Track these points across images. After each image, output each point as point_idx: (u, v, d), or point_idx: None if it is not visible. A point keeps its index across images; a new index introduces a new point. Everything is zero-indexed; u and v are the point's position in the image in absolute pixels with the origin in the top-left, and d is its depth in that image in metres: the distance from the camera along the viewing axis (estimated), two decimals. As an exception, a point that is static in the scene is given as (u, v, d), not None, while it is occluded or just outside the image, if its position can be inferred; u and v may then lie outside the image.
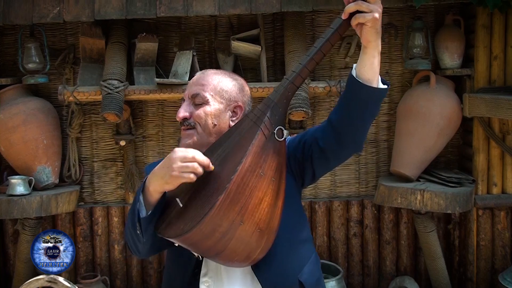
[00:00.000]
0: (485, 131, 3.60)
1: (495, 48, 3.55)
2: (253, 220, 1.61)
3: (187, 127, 1.87)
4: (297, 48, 3.49)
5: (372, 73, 1.65)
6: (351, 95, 1.68)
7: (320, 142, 1.76)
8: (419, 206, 3.45)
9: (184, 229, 1.57)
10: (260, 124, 1.66)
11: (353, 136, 1.74)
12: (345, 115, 1.70)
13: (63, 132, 3.77)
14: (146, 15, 3.37)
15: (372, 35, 1.60)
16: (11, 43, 3.78)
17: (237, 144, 1.67)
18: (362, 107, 1.68)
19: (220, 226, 1.56)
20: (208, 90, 1.86)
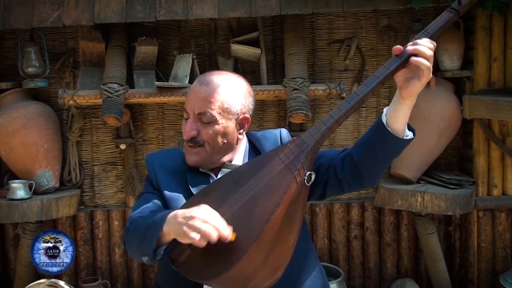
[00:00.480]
0: (485, 133, 3.60)
1: (495, 50, 3.56)
2: (275, 264, 1.60)
3: (195, 145, 1.83)
4: (297, 50, 3.50)
5: (403, 123, 1.68)
6: (378, 140, 1.71)
7: (339, 173, 1.78)
8: (420, 208, 3.45)
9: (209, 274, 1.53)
10: (294, 170, 1.62)
11: (372, 176, 1.79)
12: (369, 156, 1.73)
13: (63, 136, 3.77)
14: (145, 19, 3.37)
15: (418, 90, 1.63)
16: (11, 47, 3.78)
17: (268, 187, 1.62)
18: (387, 153, 1.72)
19: (245, 272, 1.54)
20: (215, 108, 1.80)
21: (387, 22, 3.78)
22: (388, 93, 3.83)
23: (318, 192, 1.85)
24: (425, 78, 1.61)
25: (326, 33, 3.80)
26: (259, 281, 1.59)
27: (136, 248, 1.72)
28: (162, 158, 1.96)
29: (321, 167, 1.81)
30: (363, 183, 1.79)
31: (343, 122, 1.68)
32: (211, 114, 1.80)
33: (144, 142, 3.84)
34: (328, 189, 1.83)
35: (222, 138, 1.83)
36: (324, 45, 3.81)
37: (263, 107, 3.83)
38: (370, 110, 3.84)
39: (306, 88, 3.41)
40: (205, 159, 1.85)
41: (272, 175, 1.64)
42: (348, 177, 1.77)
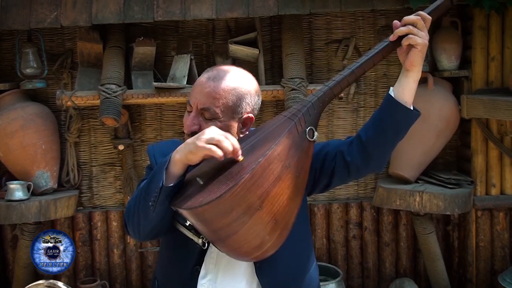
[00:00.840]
0: (483, 132, 3.61)
1: (493, 50, 3.56)
2: (271, 209, 1.56)
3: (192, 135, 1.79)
4: (295, 51, 3.50)
5: (410, 96, 1.72)
6: (387, 116, 1.72)
7: (347, 157, 1.77)
8: (418, 207, 3.46)
9: (203, 201, 1.50)
10: (295, 119, 1.65)
11: (381, 156, 1.79)
12: (378, 134, 1.73)
13: (62, 136, 3.76)
14: (143, 19, 3.37)
15: (418, 59, 1.67)
16: (9, 48, 3.78)
17: (269, 134, 1.65)
18: (397, 128, 1.73)
19: (238, 206, 1.51)
20: (220, 105, 1.74)
21: (385, 22, 3.79)
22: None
23: (324, 180, 1.84)
24: (418, 45, 1.65)
25: (324, 33, 3.81)
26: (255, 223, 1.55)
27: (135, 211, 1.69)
28: (164, 148, 1.91)
29: (327, 156, 1.81)
30: (370, 165, 1.79)
31: (345, 86, 1.71)
32: (214, 111, 1.74)
33: (142, 142, 3.84)
34: (335, 176, 1.82)
35: None
36: (322, 45, 3.82)
37: (261, 107, 3.80)
38: (368, 110, 3.84)
39: (304, 88, 3.41)
40: None
41: (274, 126, 1.67)
42: (356, 159, 1.76)
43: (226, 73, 1.80)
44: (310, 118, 1.68)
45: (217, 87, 1.75)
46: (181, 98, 3.43)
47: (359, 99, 3.85)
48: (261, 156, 1.55)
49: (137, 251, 3.86)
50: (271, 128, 1.68)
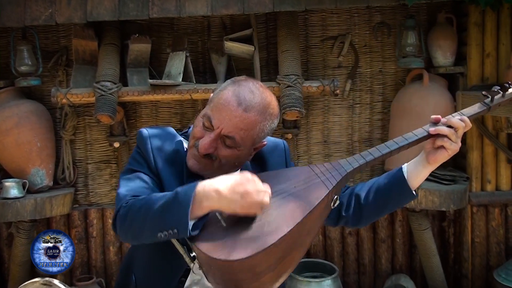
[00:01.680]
0: (478, 129, 3.61)
1: (488, 46, 3.57)
2: (281, 271, 1.56)
3: (203, 156, 1.73)
4: (290, 47, 3.50)
5: (420, 183, 1.83)
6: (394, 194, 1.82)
7: (343, 210, 1.86)
8: (414, 204, 3.46)
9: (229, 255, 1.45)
10: (330, 187, 1.63)
11: (371, 219, 1.90)
12: (378, 204, 1.83)
13: (57, 134, 3.75)
14: (138, 16, 3.36)
15: (444, 159, 1.75)
16: (3, 46, 3.76)
17: (302, 194, 1.61)
18: (396, 206, 1.87)
19: (257, 267, 1.48)
20: (244, 136, 1.70)
21: (380, 19, 3.79)
22: (382, 89, 3.84)
23: None
24: (451, 150, 1.73)
25: (320, 30, 3.80)
26: (263, 282, 1.53)
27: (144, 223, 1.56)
28: (160, 140, 1.82)
29: None
30: (358, 224, 1.89)
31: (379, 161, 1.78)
32: (238, 141, 1.70)
33: (138, 140, 3.83)
34: (327, 219, 1.84)
35: (235, 161, 1.76)
36: (318, 42, 3.82)
37: (257, 104, 3.82)
38: (364, 106, 3.84)
39: (300, 85, 3.41)
40: (207, 172, 1.75)
41: (308, 184, 1.65)
42: (349, 216, 1.85)
43: (258, 100, 1.71)
44: (340, 187, 1.72)
45: (247, 119, 1.68)
46: (176, 95, 3.43)
47: (354, 95, 3.85)
48: (292, 223, 1.51)
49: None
50: (305, 187, 1.63)
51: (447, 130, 1.71)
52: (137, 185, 1.71)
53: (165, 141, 1.83)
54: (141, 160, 1.80)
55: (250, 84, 1.74)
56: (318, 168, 1.69)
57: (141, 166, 1.78)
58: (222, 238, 1.51)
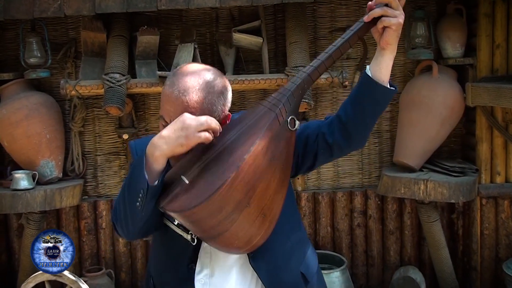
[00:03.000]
0: (488, 120, 3.59)
1: (498, 37, 3.54)
2: (259, 205, 1.59)
3: None
4: (299, 39, 3.49)
5: (387, 74, 1.71)
6: (365, 94, 1.72)
7: (329, 138, 1.77)
8: (423, 196, 3.46)
9: (191, 203, 1.51)
10: (276, 110, 1.65)
11: (361, 133, 1.78)
12: (356, 113, 1.73)
13: (66, 126, 3.77)
14: (147, 8, 3.36)
15: (394, 38, 1.67)
16: (13, 38, 3.78)
17: (251, 126, 1.65)
18: (374, 106, 1.73)
19: (227, 205, 1.53)
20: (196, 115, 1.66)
21: (389, 10, 3.76)
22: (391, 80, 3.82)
23: (308, 162, 1.85)
24: (394, 26, 1.63)
25: (328, 21, 3.79)
26: (244, 220, 1.57)
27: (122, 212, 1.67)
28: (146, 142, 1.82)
29: (308, 139, 1.81)
30: (352, 143, 1.79)
31: (323, 70, 1.71)
32: None
33: (147, 132, 3.84)
34: (318, 157, 1.82)
35: None
36: (326, 33, 3.80)
37: (265, 96, 3.83)
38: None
39: (308, 76, 3.39)
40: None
41: (256, 117, 1.67)
42: (338, 139, 1.76)
43: (193, 80, 1.70)
44: (291, 107, 1.68)
45: (189, 101, 1.68)
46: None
47: (363, 87, 3.83)
48: (245, 152, 1.55)
49: (142, 239, 3.88)
50: (253, 120, 1.67)
51: (379, 10, 1.63)
52: None
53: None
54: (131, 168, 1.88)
55: (184, 69, 1.75)
56: (267, 99, 1.71)
57: None
58: (184, 193, 1.57)
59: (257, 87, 3.46)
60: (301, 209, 3.85)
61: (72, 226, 3.88)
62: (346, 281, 3.58)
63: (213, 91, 1.71)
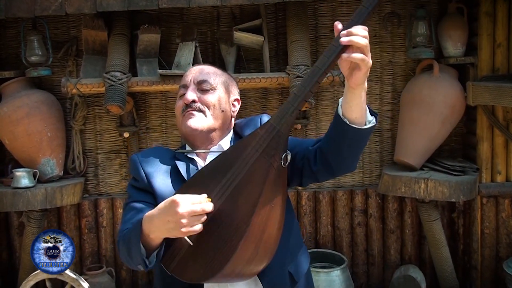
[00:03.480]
0: (488, 119, 3.59)
1: (499, 36, 3.54)
2: (266, 248, 1.66)
3: (194, 109, 1.87)
4: (300, 38, 3.49)
5: (359, 111, 1.63)
6: (338, 133, 1.68)
7: (312, 166, 1.78)
8: (423, 195, 3.46)
9: (206, 275, 1.59)
10: (269, 158, 1.64)
11: (343, 165, 1.77)
12: (334, 149, 1.72)
13: (67, 124, 3.77)
14: (148, 7, 3.36)
15: (363, 78, 1.58)
16: (14, 36, 3.78)
17: (247, 179, 1.64)
18: (351, 144, 1.69)
19: (238, 266, 1.60)
20: (214, 78, 1.92)
21: (390, 9, 3.77)
22: (392, 79, 3.83)
23: (296, 180, 1.87)
24: (364, 67, 1.54)
25: (329, 20, 3.79)
26: (253, 268, 1.66)
27: (129, 259, 1.75)
28: (148, 153, 1.96)
29: (297, 156, 1.82)
30: (336, 173, 1.80)
31: (309, 97, 1.64)
32: (210, 81, 1.90)
33: (148, 130, 3.85)
34: (304, 179, 1.85)
35: (221, 106, 1.89)
36: (327, 32, 3.80)
37: (266, 95, 3.83)
38: (373, 97, 3.83)
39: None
40: (204, 125, 1.88)
41: (249, 165, 1.65)
42: (320, 169, 1.77)
43: (211, 64, 2.02)
44: (282, 146, 1.66)
45: (208, 67, 1.96)
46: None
47: (364, 86, 3.83)
48: (250, 214, 1.58)
49: (142, 238, 3.87)
50: (246, 169, 1.65)
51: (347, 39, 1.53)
52: (129, 217, 1.83)
53: (153, 151, 1.98)
54: (130, 190, 1.93)
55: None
56: (255, 138, 1.68)
57: (130, 195, 1.91)
58: (193, 260, 1.63)
59: (258, 85, 3.46)
60: (302, 207, 3.86)
61: (73, 224, 3.88)
62: (347, 279, 3.58)
63: (227, 74, 1.99)
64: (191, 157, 1.93)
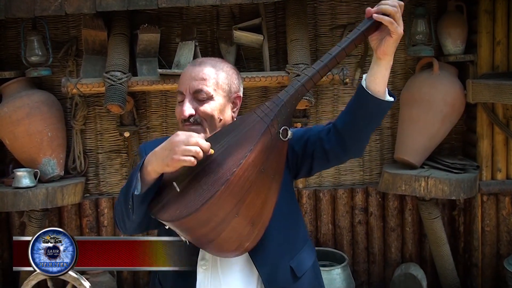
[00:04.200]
0: (488, 117, 3.59)
1: (498, 34, 3.54)
2: (248, 214, 1.64)
3: (192, 123, 1.84)
4: (299, 36, 3.49)
5: (383, 85, 1.69)
6: (359, 105, 1.72)
7: (325, 145, 1.79)
8: (424, 192, 3.46)
9: (181, 214, 1.57)
10: (268, 121, 1.66)
11: (357, 143, 1.79)
12: (351, 123, 1.74)
13: (67, 124, 3.78)
14: (147, 6, 3.36)
15: (392, 48, 1.65)
16: (14, 37, 3.79)
17: (243, 137, 1.67)
18: (369, 117, 1.73)
19: (216, 216, 1.58)
20: (210, 84, 1.83)
21: (390, 7, 3.76)
22: (392, 78, 3.83)
23: (306, 165, 1.87)
24: (395, 34, 1.61)
25: (329, 19, 3.79)
26: (233, 229, 1.63)
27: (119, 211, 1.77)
28: (155, 143, 1.94)
29: (308, 141, 1.83)
30: (348, 152, 1.81)
31: (317, 80, 1.69)
32: (206, 90, 1.83)
33: (148, 129, 3.85)
34: (315, 163, 1.85)
35: (219, 115, 1.85)
36: (327, 31, 3.80)
37: (266, 94, 3.83)
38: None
39: (309, 74, 3.39)
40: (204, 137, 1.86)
41: (248, 127, 1.69)
42: (334, 147, 1.78)
43: (209, 59, 1.92)
44: (283, 117, 1.69)
45: (204, 70, 1.86)
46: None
47: (364, 84, 3.83)
48: (236, 166, 1.59)
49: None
50: (245, 130, 1.69)
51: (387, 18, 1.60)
52: None
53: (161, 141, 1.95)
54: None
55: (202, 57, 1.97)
56: (260, 107, 1.72)
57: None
58: (175, 202, 1.63)
59: (258, 84, 3.46)
60: (302, 206, 3.86)
61: (74, 224, 3.89)
62: (347, 278, 3.59)
63: (226, 69, 1.90)
64: None
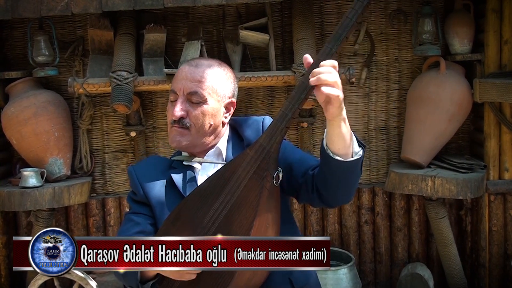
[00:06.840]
0: (496, 116, 3.58)
1: (506, 33, 3.52)
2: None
3: (180, 126, 1.83)
4: (306, 36, 3.48)
5: (341, 142, 1.63)
6: (323, 164, 1.68)
7: (310, 192, 1.75)
8: (430, 192, 3.45)
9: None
10: (262, 180, 1.63)
11: (335, 197, 1.75)
12: (322, 180, 1.70)
13: (74, 124, 3.79)
14: (153, 6, 3.36)
15: (337, 112, 1.58)
16: (21, 37, 3.80)
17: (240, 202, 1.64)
18: (337, 177, 1.67)
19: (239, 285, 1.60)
20: (205, 88, 1.81)
21: (396, 6, 3.76)
22: (398, 77, 3.82)
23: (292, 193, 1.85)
24: (336, 101, 1.56)
25: (335, 18, 3.78)
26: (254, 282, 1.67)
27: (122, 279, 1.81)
28: (144, 165, 1.98)
29: (297, 172, 1.79)
30: (330, 205, 1.81)
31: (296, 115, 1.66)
32: (201, 93, 1.81)
33: (154, 129, 3.86)
34: (301, 197, 1.83)
35: (209, 120, 1.83)
36: (333, 30, 3.79)
37: (272, 93, 3.83)
38: (380, 95, 3.83)
39: (315, 73, 3.39)
40: (189, 142, 1.85)
41: (240, 188, 1.64)
42: (316, 199, 1.75)
43: (206, 60, 1.91)
44: (273, 165, 1.65)
45: (201, 71, 1.83)
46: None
47: (370, 84, 3.83)
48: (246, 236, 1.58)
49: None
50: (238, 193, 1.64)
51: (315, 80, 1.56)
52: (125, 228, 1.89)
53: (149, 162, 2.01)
54: (129, 201, 1.97)
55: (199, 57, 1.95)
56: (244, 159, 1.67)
57: (132, 203, 1.95)
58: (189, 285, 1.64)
59: (264, 84, 3.46)
60: (309, 206, 3.85)
61: (81, 224, 3.89)
62: (354, 277, 3.58)
63: (223, 73, 1.88)
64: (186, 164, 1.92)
